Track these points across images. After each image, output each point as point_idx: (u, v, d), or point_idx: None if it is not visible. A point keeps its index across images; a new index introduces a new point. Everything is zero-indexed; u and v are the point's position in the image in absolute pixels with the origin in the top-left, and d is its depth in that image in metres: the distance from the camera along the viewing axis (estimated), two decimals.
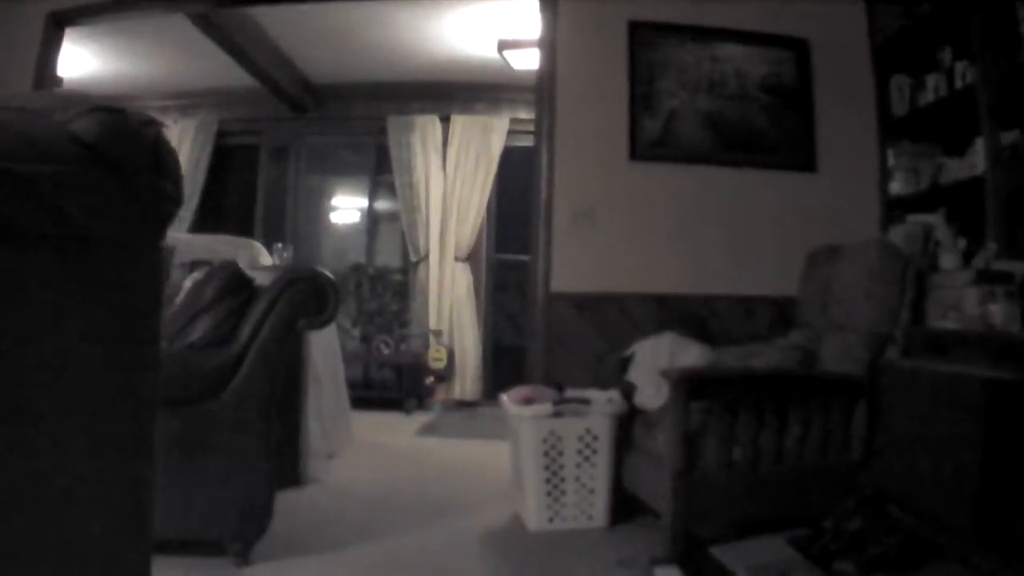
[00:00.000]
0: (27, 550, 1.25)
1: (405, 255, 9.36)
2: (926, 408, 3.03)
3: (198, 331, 3.60)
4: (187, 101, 9.65)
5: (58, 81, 6.15)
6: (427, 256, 9.03)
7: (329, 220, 10.44)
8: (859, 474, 3.53)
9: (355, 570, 3.50)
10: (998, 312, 3.28)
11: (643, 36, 5.27)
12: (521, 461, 4.26)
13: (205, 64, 8.02)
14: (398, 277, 9.37)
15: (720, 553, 3.14)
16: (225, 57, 7.56)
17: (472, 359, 8.92)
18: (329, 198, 10.46)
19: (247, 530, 3.41)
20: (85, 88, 8.49)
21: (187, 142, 9.58)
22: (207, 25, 6.78)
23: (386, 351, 8.80)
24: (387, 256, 9.85)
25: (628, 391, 4.29)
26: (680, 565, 3.25)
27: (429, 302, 8.98)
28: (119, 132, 1.34)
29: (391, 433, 7.18)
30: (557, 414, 4.13)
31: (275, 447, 3.58)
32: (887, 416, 3.45)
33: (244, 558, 3.38)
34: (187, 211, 9.35)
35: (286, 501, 4.15)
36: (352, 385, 7.38)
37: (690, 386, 3.52)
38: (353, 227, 10.27)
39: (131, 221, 1.44)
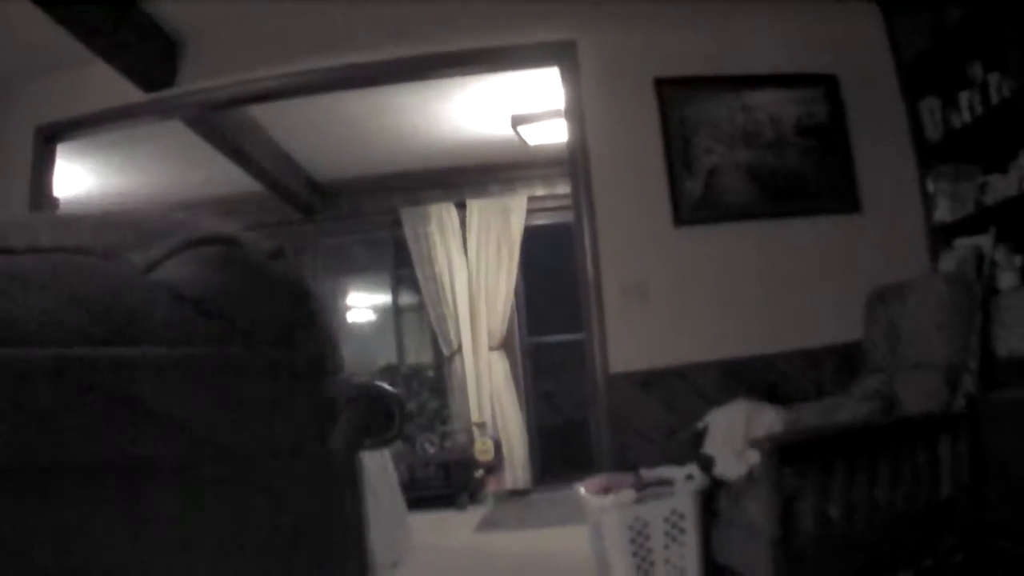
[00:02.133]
0: None
1: (437, 350, 9.27)
2: None
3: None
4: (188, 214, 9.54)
5: (55, 202, 6.04)
6: (460, 348, 8.95)
7: (351, 322, 10.37)
8: (958, 510, 3.47)
9: None
10: None
11: (671, 92, 5.16)
12: (606, 551, 4.12)
13: (208, 172, 7.94)
14: (431, 373, 9.30)
15: None
16: (228, 163, 7.44)
17: (519, 446, 8.79)
18: (350, 298, 10.40)
19: None
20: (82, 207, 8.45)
21: None
22: (206, 131, 6.66)
23: (431, 449, 8.69)
24: (417, 353, 9.77)
25: (707, 464, 4.19)
26: None
27: (468, 394, 8.89)
28: (245, 276, 1.09)
29: (449, 532, 7.14)
30: (640, 500, 4.00)
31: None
32: (992, 449, 3.35)
33: None
34: None
35: None
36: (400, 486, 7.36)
37: (782, 453, 3.38)
38: (378, 326, 10.22)
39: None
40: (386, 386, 3.68)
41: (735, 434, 4.13)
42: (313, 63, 5.42)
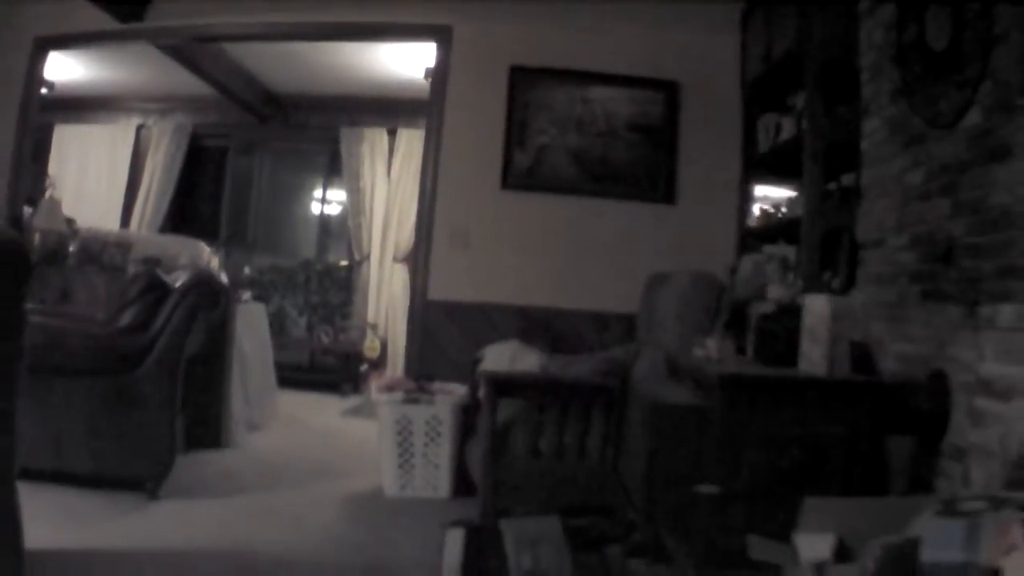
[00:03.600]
0: None
1: (351, 253, 10.14)
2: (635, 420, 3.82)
3: (125, 319, 4.66)
4: (165, 105, 10.42)
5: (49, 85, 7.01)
6: (369, 256, 9.85)
7: (288, 217, 11.19)
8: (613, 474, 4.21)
9: (235, 512, 4.44)
10: (713, 347, 3.95)
11: (521, 79, 5.99)
12: (381, 438, 5.06)
13: (179, 77, 8.64)
14: (343, 273, 10.20)
15: (504, 525, 3.67)
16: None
17: (403, 350, 9.59)
18: (289, 197, 11.21)
19: (156, 470, 4.47)
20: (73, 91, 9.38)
21: (164, 142, 10.41)
22: (172, 52, 7.61)
23: (326, 340, 9.58)
24: (337, 254, 10.65)
25: (475, 387, 5.00)
26: (466, 529, 4.02)
27: (368, 298, 9.81)
28: None
29: (319, 412, 7.96)
30: (408, 401, 4.95)
31: (178, 411, 4.69)
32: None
33: (153, 494, 4.43)
34: (161, 207, 10.27)
35: (205, 459, 5.37)
36: (298, 368, 8.50)
37: (496, 385, 4.35)
38: (306, 224, 11.06)
39: None
40: (218, 276, 4.81)
41: (500, 367, 5.00)
42: (255, 17, 6.45)
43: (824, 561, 2.25)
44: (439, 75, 6.15)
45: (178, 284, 4.78)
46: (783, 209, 5.39)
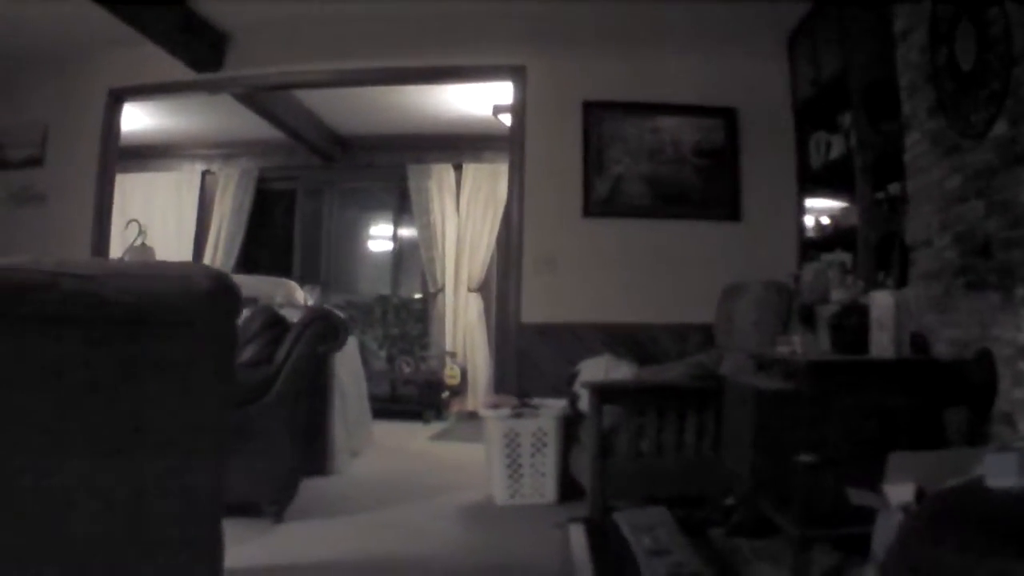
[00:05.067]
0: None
1: (425, 286, 10.56)
2: (734, 410, 4.18)
3: (247, 354, 5.01)
4: (230, 151, 10.86)
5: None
6: (443, 288, 10.29)
7: (359, 254, 11.62)
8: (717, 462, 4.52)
9: (357, 527, 4.77)
10: (798, 342, 4.34)
11: (594, 113, 6.41)
12: (490, 451, 5.47)
13: (245, 122, 9.05)
14: (418, 306, 10.57)
15: (618, 516, 4.13)
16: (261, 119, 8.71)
17: (482, 376, 10.05)
18: (359, 235, 11.61)
19: (279, 496, 4.76)
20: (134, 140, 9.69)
21: (231, 187, 10.87)
22: (248, 98, 8.01)
23: (407, 370, 9.95)
24: (410, 286, 11.00)
25: (574, 399, 5.44)
26: (586, 523, 4.41)
27: (445, 327, 10.24)
28: None
29: (408, 439, 8.28)
30: (515, 415, 5.37)
31: (300, 439, 5.00)
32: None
33: (278, 517, 4.72)
34: (232, 249, 10.68)
35: (314, 485, 5.58)
36: (380, 399, 8.61)
37: (600, 395, 4.75)
38: (381, 260, 11.41)
39: None
40: (336, 311, 5.24)
41: (596, 379, 5.29)
42: (328, 64, 6.90)
43: (909, 503, 2.74)
44: (517, 112, 6.56)
45: (295, 320, 5.17)
46: (837, 220, 5.77)
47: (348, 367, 6.86)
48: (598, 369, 5.54)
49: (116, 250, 7.51)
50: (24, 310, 2.04)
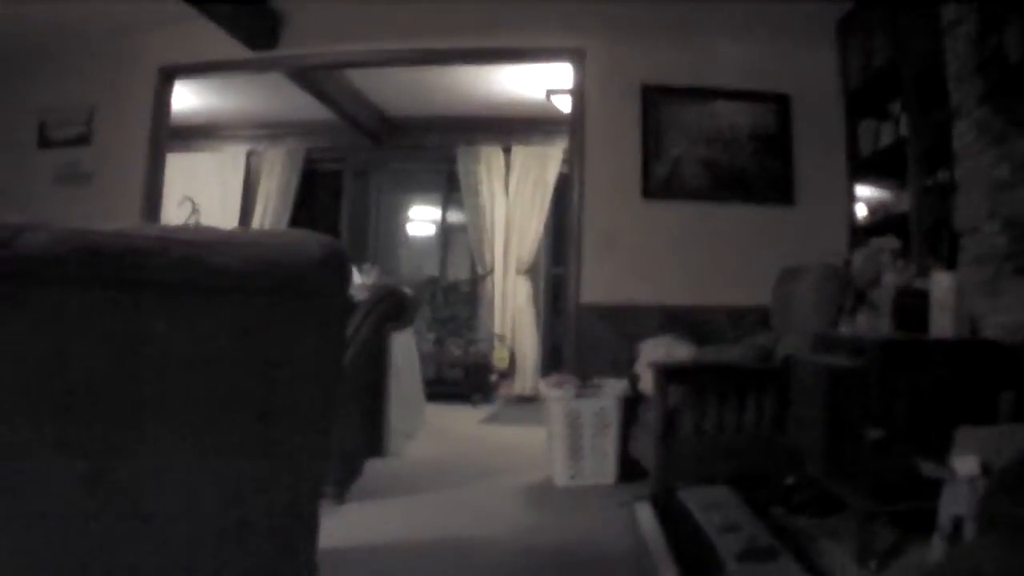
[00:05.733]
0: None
1: (473, 269, 10.66)
2: (804, 388, 4.23)
3: None
4: (277, 131, 10.91)
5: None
6: (492, 270, 10.37)
7: (407, 236, 11.69)
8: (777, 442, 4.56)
9: (420, 508, 4.80)
10: (864, 322, 4.39)
11: (653, 96, 6.48)
12: (551, 431, 5.49)
13: (293, 102, 9.13)
14: (466, 288, 10.63)
15: (683, 495, 4.22)
16: (310, 97, 8.74)
17: (531, 359, 10.14)
18: (406, 217, 11.70)
19: (343, 476, 4.78)
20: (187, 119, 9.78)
21: (278, 167, 10.93)
22: (300, 77, 8.06)
23: (456, 352, 9.97)
24: (458, 268, 11.07)
25: (635, 380, 5.48)
26: (653, 501, 4.48)
27: (494, 310, 10.28)
28: None
29: (459, 421, 8.32)
30: (578, 395, 5.39)
31: (367, 419, 5.05)
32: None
33: (340, 498, 4.72)
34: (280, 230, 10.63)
35: (372, 466, 5.50)
36: (428, 382, 8.51)
37: (666, 375, 4.77)
38: (428, 242, 11.48)
39: None
40: (404, 289, 5.26)
41: (656, 359, 5.32)
42: (384, 44, 6.94)
43: (975, 475, 2.92)
44: (577, 95, 6.63)
45: (361, 298, 5.18)
46: (887, 205, 5.90)
47: (403, 348, 6.89)
48: (659, 349, 5.56)
49: None
50: (141, 275, 1.97)
